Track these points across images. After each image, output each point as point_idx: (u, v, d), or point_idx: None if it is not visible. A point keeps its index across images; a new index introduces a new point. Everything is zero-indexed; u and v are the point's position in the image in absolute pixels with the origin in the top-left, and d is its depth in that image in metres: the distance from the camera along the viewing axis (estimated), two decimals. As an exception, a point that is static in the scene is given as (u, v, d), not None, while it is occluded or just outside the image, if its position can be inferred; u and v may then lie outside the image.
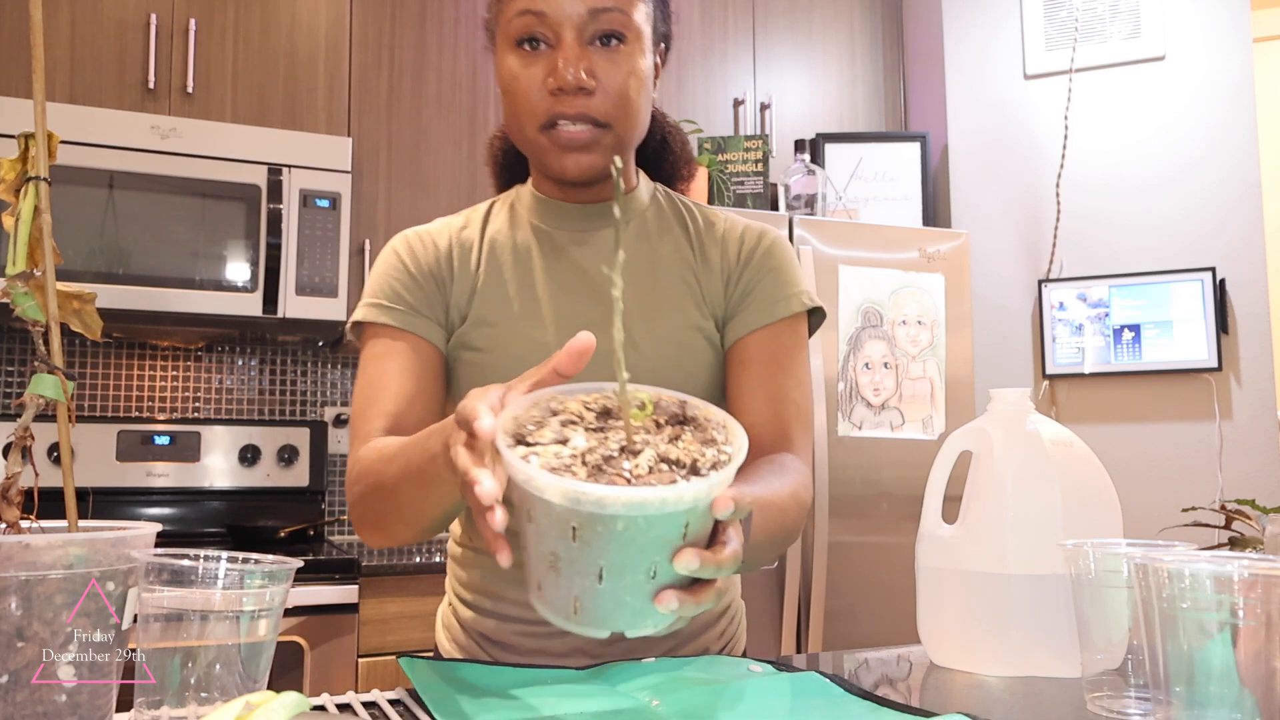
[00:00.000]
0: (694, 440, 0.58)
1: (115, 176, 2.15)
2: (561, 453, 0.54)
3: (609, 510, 0.50)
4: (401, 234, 1.05)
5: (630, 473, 0.53)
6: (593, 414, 0.59)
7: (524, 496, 0.54)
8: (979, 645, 0.92)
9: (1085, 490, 0.93)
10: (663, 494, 0.51)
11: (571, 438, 0.56)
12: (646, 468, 0.54)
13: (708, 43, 2.88)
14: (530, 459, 0.53)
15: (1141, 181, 2.71)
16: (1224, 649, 0.57)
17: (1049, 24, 2.82)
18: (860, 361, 2.38)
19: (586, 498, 0.50)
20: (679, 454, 0.56)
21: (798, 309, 1.01)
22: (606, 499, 0.50)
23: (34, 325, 0.59)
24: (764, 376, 0.99)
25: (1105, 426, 2.67)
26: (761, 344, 1.00)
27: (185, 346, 2.58)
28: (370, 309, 1.00)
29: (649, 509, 0.51)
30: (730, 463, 0.56)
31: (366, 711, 0.70)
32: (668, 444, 0.57)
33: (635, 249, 1.03)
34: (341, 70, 2.45)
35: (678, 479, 0.54)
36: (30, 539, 0.54)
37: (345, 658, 1.98)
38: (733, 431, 0.60)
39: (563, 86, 0.91)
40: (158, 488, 2.41)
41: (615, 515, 0.51)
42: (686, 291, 1.02)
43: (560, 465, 0.53)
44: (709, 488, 0.53)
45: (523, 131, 0.96)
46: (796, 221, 2.39)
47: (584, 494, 0.50)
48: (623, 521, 0.51)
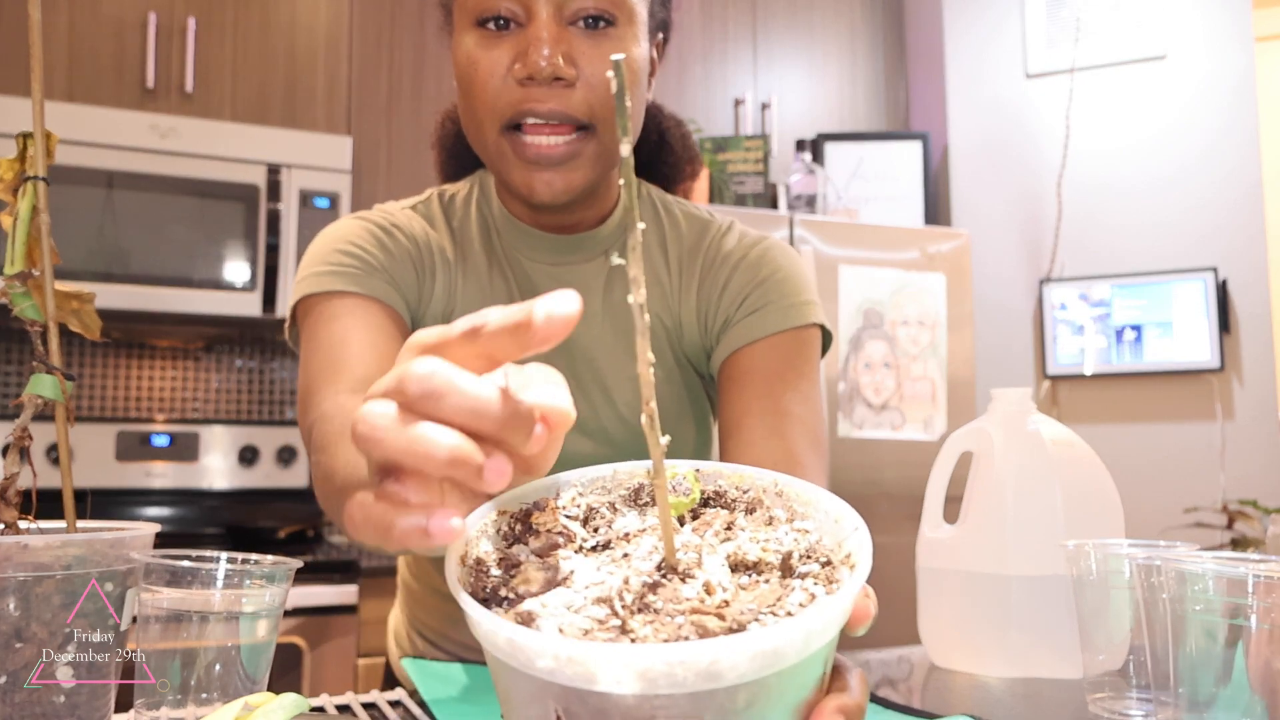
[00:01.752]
0: (754, 523, 0.40)
1: (114, 176, 2.15)
2: (577, 604, 0.34)
3: (730, 680, 0.30)
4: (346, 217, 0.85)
5: (710, 605, 0.33)
6: (580, 521, 0.40)
7: (539, 694, 0.32)
8: (980, 646, 0.92)
9: (1086, 491, 0.93)
10: (808, 626, 0.31)
11: (574, 572, 0.36)
12: (733, 587, 0.34)
13: (708, 42, 2.88)
14: (542, 624, 0.32)
15: (1143, 181, 2.71)
16: (1234, 652, 0.56)
17: (1050, 23, 2.82)
18: (861, 362, 2.37)
19: (690, 666, 0.29)
20: (756, 551, 0.37)
21: (795, 321, 0.84)
22: (728, 659, 0.29)
23: (32, 325, 0.59)
24: (762, 390, 0.80)
25: (1107, 427, 2.67)
26: (758, 357, 0.83)
27: (184, 346, 2.57)
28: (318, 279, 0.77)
29: (789, 656, 0.31)
30: (854, 548, 0.36)
31: (366, 713, 0.70)
32: (726, 541, 0.38)
33: (605, 293, 0.87)
34: (341, 69, 2.45)
35: (793, 592, 0.34)
36: (29, 539, 0.54)
37: (344, 659, 1.98)
38: (797, 495, 0.40)
39: (533, 75, 0.73)
40: (157, 488, 2.41)
41: (738, 685, 0.30)
42: (665, 338, 0.88)
43: (593, 625, 0.32)
44: (850, 595, 0.33)
45: (481, 134, 0.77)
46: (797, 221, 2.39)
47: (686, 661, 0.29)
48: (748, 692, 0.31)
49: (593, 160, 0.77)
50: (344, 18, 2.46)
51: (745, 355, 0.83)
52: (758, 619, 0.32)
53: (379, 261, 0.79)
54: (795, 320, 0.84)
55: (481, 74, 0.75)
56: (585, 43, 0.74)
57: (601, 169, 0.79)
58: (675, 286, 0.88)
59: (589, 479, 0.43)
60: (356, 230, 0.82)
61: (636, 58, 0.78)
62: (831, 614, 0.32)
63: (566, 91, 0.74)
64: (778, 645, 0.30)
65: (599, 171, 0.79)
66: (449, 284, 0.85)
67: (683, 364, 0.89)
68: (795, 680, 0.32)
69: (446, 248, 0.86)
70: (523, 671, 0.32)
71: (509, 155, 0.76)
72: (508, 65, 0.74)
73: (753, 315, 0.84)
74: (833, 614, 0.32)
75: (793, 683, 0.32)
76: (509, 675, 0.33)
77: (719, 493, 0.42)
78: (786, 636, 0.30)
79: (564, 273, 0.86)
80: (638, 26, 0.78)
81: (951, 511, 0.97)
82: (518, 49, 0.74)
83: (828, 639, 0.33)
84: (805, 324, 0.84)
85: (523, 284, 0.86)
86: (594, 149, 0.76)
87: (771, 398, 0.79)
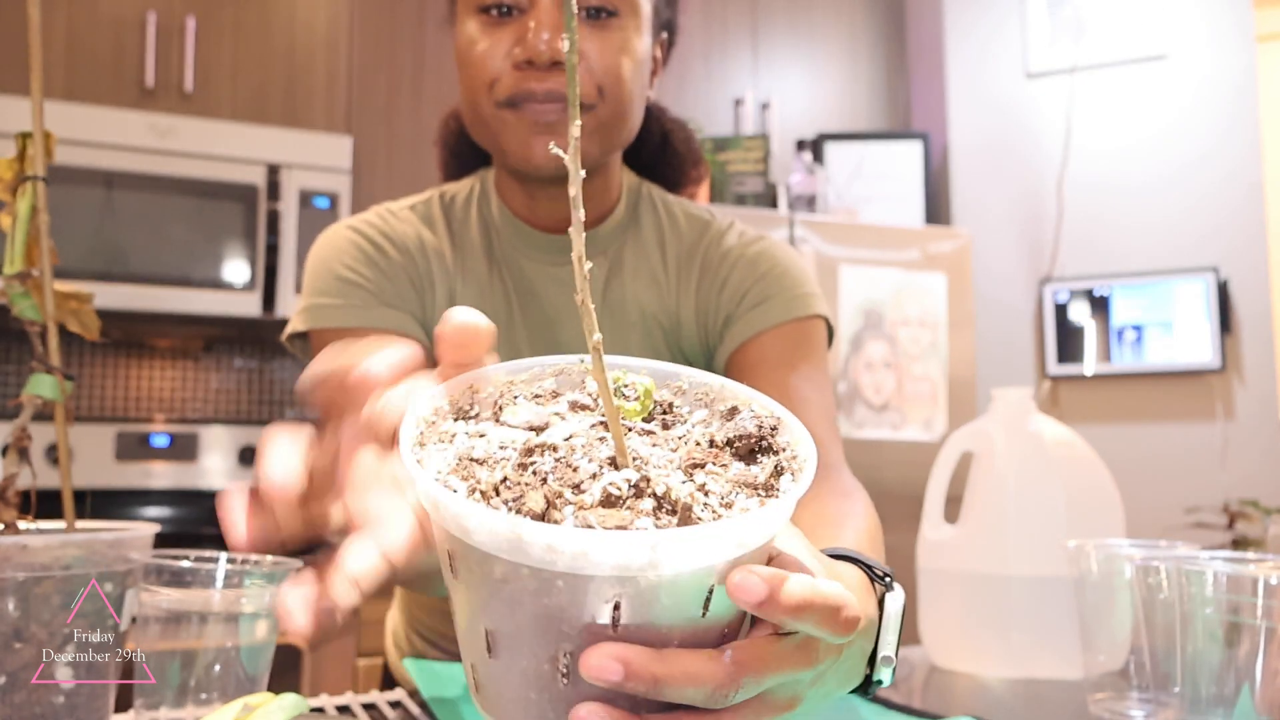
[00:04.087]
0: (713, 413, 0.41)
1: (113, 176, 2.14)
2: (491, 452, 0.36)
3: (534, 560, 0.32)
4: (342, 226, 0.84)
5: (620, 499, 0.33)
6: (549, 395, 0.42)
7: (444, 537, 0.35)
8: (980, 646, 0.91)
9: (1087, 491, 0.93)
10: (740, 530, 0.32)
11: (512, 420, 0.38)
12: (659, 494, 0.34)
13: (708, 42, 2.87)
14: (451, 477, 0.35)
15: (1144, 181, 2.71)
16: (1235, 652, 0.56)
17: (1051, 22, 2.82)
18: (861, 362, 2.37)
19: (513, 534, 0.32)
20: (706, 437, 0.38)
21: (800, 312, 0.84)
22: (557, 543, 0.31)
23: (31, 325, 0.58)
24: (773, 379, 0.80)
25: (1107, 427, 2.67)
26: (766, 348, 0.83)
27: (184, 346, 2.57)
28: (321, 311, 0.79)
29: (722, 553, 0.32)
30: (800, 476, 0.36)
31: (365, 713, 0.70)
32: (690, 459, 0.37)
33: (604, 291, 0.87)
34: (341, 69, 2.45)
35: (725, 512, 0.34)
36: (28, 539, 0.54)
37: (344, 659, 1.98)
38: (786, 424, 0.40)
39: (533, 59, 0.74)
40: (156, 488, 2.41)
41: (560, 570, 0.32)
42: (661, 337, 0.88)
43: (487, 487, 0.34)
44: (763, 526, 0.33)
45: (479, 110, 0.78)
46: (797, 221, 2.39)
47: (514, 532, 0.32)
48: (564, 580, 0.32)
49: (590, 132, 0.77)
50: (344, 17, 2.46)
51: (753, 347, 0.83)
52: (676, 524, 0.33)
53: (377, 287, 0.80)
54: (800, 311, 0.84)
55: (481, 53, 0.76)
56: (586, 31, 0.75)
57: (600, 144, 0.80)
58: (673, 285, 0.89)
59: (560, 364, 0.44)
60: (350, 252, 0.82)
61: (639, 48, 0.79)
62: (722, 532, 0.32)
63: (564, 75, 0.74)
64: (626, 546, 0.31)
65: (597, 145, 0.80)
66: (449, 289, 0.86)
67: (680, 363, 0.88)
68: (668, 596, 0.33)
69: (445, 252, 0.86)
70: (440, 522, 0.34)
71: (509, 122, 0.77)
72: (508, 48, 0.76)
73: (756, 309, 0.85)
74: (724, 533, 0.32)
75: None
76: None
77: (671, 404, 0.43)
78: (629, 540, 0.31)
79: (563, 272, 0.86)
80: (640, 19, 0.79)
81: (952, 511, 0.97)
82: (518, 34, 0.75)
83: (716, 561, 0.33)
84: (809, 314, 0.85)
85: (520, 285, 0.87)
86: (592, 123, 0.77)
87: (783, 385, 0.79)
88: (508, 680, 0.35)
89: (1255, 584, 0.55)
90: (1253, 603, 0.55)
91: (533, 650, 0.34)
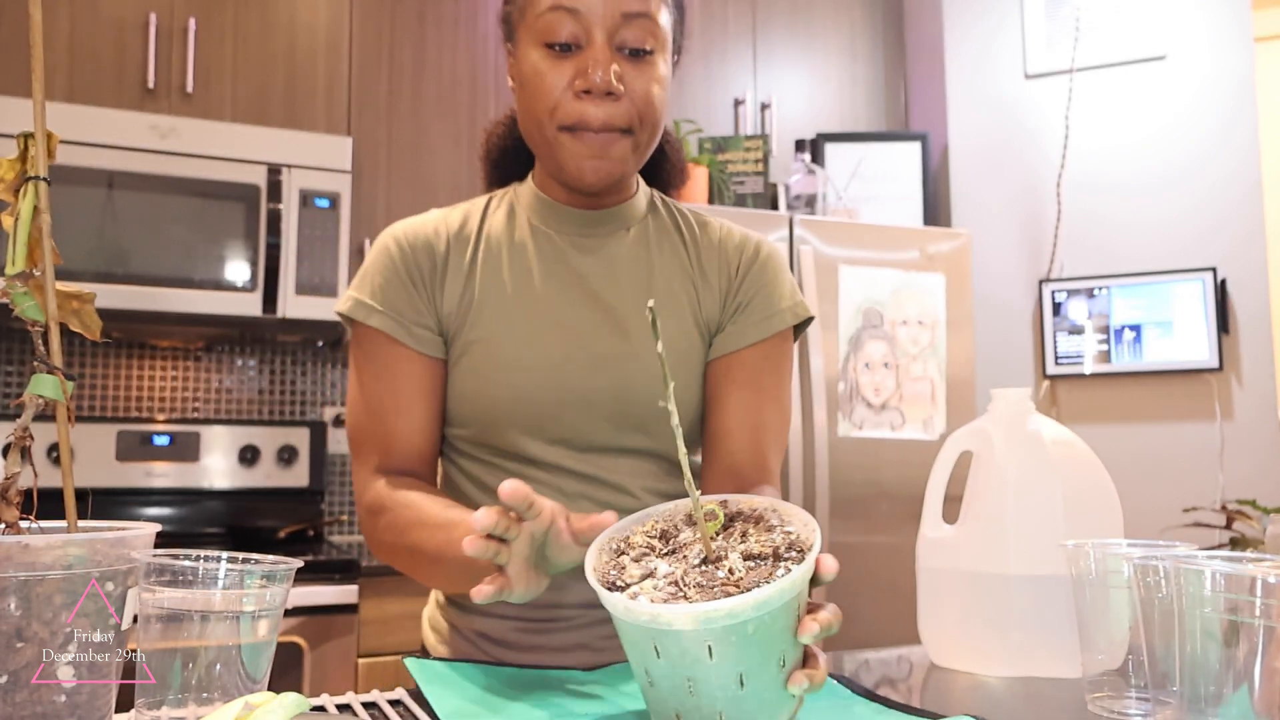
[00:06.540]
0: (759, 530, 0.63)
1: (114, 176, 2.15)
2: (659, 585, 0.58)
3: (741, 618, 0.54)
4: (394, 230, 1.01)
5: (732, 579, 0.57)
6: (657, 539, 0.64)
7: (643, 636, 0.57)
8: (980, 646, 0.92)
9: (1086, 490, 0.93)
10: (781, 587, 0.55)
11: (657, 568, 0.60)
12: (743, 569, 0.58)
13: (708, 43, 2.88)
14: (639, 598, 0.57)
15: (1143, 181, 2.71)
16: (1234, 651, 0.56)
17: (1050, 23, 2.82)
18: (861, 362, 2.37)
19: (718, 614, 0.54)
20: (759, 547, 0.61)
21: (790, 323, 1.01)
22: (738, 609, 0.54)
23: (33, 325, 0.59)
24: (747, 398, 0.98)
25: (1106, 427, 2.67)
26: (750, 362, 0.99)
27: (185, 346, 2.58)
28: (370, 311, 0.97)
29: (773, 604, 0.55)
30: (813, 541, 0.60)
31: (366, 712, 0.70)
32: (741, 543, 0.62)
33: (634, 255, 1.02)
34: (341, 70, 2.45)
35: (779, 569, 0.58)
36: (30, 539, 0.54)
37: (345, 658, 1.98)
38: (785, 512, 0.65)
39: (591, 89, 0.90)
40: (157, 488, 2.41)
41: (747, 620, 0.55)
42: (685, 300, 1.01)
43: (668, 596, 0.56)
44: (808, 568, 0.58)
45: (542, 130, 0.94)
46: (797, 221, 2.39)
47: (715, 611, 0.54)
48: (753, 624, 0.55)
49: (629, 154, 0.95)
50: (344, 18, 2.46)
51: (739, 358, 0.99)
52: (758, 584, 0.56)
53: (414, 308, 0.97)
54: (787, 323, 1.01)
55: (548, 84, 0.92)
56: (630, 67, 0.92)
57: (635, 162, 0.97)
58: (695, 260, 1.03)
59: (655, 513, 0.69)
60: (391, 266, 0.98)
61: (666, 76, 0.97)
62: (795, 576, 0.56)
63: (615, 104, 0.92)
64: (768, 596, 0.55)
65: (633, 165, 0.97)
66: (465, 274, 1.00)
67: (701, 331, 1.01)
68: (780, 618, 0.57)
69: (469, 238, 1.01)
70: (632, 623, 0.57)
71: (566, 145, 0.93)
72: (569, 79, 0.92)
73: (746, 322, 1.00)
74: (796, 576, 0.57)
75: (778, 619, 0.57)
76: (625, 627, 0.58)
77: (740, 511, 0.66)
78: (769, 592, 0.55)
79: (590, 243, 1.02)
80: (667, 51, 0.97)
81: (951, 511, 0.97)
82: (578, 67, 0.92)
83: (796, 592, 0.57)
84: (784, 329, 1.01)
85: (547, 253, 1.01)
86: (631, 145, 0.95)
87: (756, 409, 0.98)
88: (755, 696, 0.58)
89: (1253, 583, 0.55)
90: (1251, 602, 0.55)
91: (768, 663, 0.58)
